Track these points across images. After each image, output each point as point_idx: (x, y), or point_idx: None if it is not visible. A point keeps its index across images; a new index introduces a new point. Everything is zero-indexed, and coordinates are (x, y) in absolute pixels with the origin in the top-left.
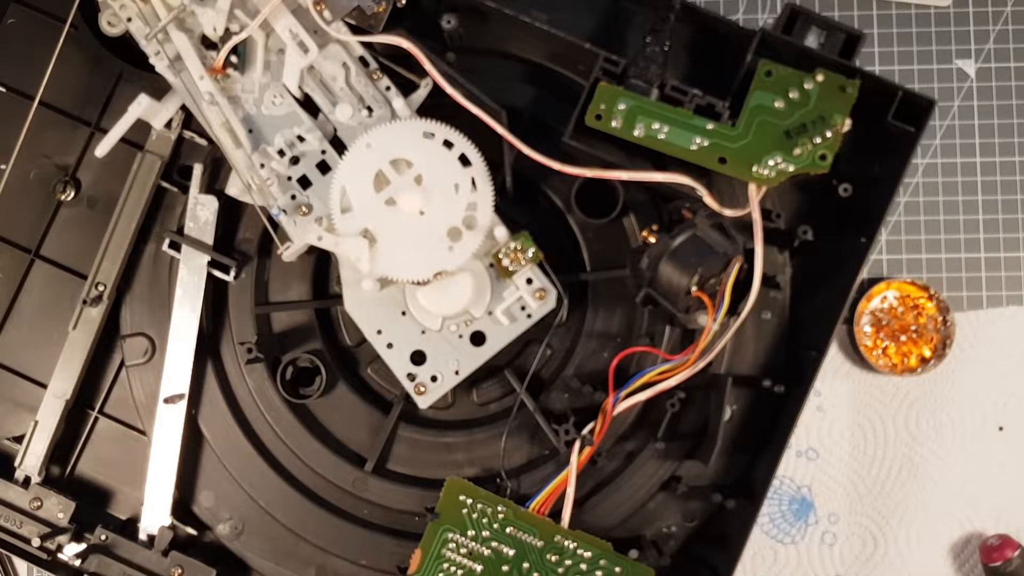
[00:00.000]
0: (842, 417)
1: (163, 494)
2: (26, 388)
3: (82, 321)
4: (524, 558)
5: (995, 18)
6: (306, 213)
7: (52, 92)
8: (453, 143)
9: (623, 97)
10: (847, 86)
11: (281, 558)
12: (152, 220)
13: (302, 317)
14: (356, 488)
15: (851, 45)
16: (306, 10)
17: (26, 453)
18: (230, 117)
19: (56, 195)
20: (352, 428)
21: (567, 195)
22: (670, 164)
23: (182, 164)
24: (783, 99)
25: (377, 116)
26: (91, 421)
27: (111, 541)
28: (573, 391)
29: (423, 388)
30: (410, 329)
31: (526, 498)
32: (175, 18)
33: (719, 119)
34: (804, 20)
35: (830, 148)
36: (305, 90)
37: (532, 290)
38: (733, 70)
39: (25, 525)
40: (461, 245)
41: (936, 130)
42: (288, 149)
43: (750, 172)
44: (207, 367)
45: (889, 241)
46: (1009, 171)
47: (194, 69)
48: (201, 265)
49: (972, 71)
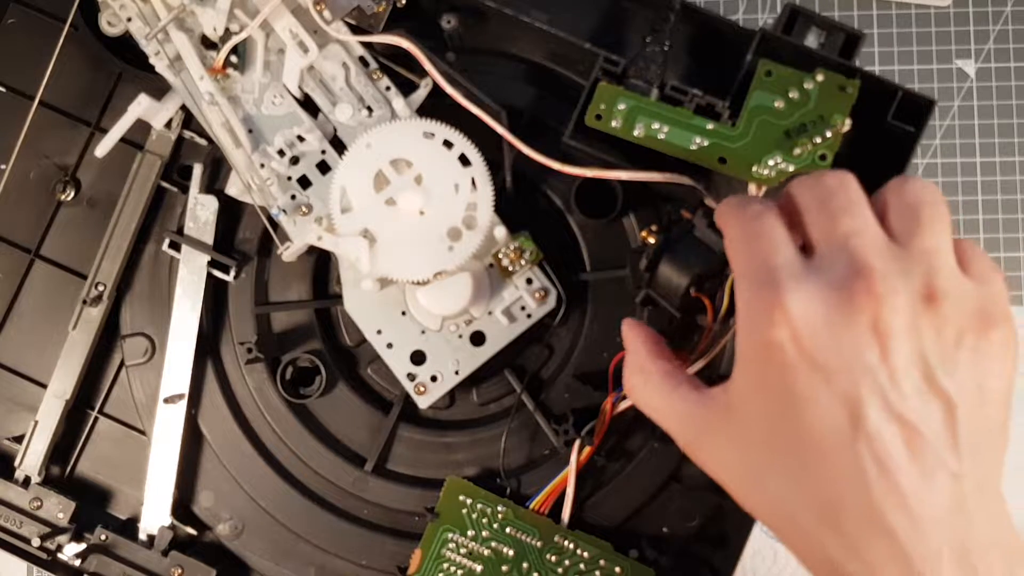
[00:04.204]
0: None
1: (163, 494)
2: (26, 388)
3: (82, 321)
4: (524, 558)
5: (995, 18)
6: (306, 213)
7: (52, 92)
8: (453, 143)
9: (623, 97)
10: (847, 86)
11: (281, 558)
12: (152, 220)
13: (302, 317)
14: (356, 488)
15: (851, 45)
16: (306, 10)
17: (26, 453)
18: (230, 117)
19: (56, 195)
20: (352, 428)
21: (567, 195)
22: (670, 164)
23: (182, 164)
24: (783, 99)
25: (377, 116)
26: (91, 421)
27: (111, 541)
28: (573, 391)
29: (423, 388)
30: (410, 329)
31: (526, 498)
32: (175, 18)
33: (719, 119)
34: (804, 20)
35: (830, 148)
36: (305, 90)
37: (532, 290)
38: (733, 70)
39: (25, 525)
40: (461, 245)
41: (936, 130)
42: (288, 149)
43: (750, 172)
44: (207, 367)
45: None
46: (1009, 171)
47: (194, 69)
48: (201, 265)
49: (972, 71)
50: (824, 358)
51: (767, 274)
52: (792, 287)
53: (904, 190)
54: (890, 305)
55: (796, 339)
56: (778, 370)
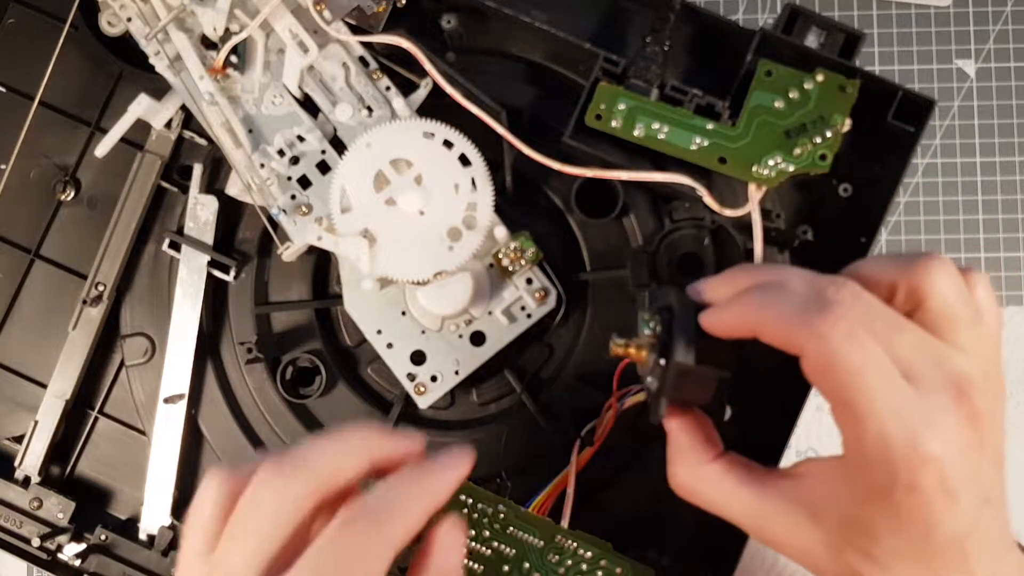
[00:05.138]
0: None
1: (163, 494)
2: (26, 388)
3: (82, 321)
4: (524, 558)
5: (995, 18)
6: (306, 213)
7: (52, 92)
8: (453, 143)
9: (623, 97)
10: (847, 86)
11: None
12: (152, 220)
13: (302, 317)
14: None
15: (851, 45)
16: (306, 10)
17: (26, 453)
18: (230, 117)
19: (56, 195)
20: None
21: (567, 195)
22: (670, 164)
23: (182, 164)
24: (783, 99)
25: (377, 116)
26: (91, 421)
27: (111, 541)
28: (573, 391)
29: (423, 388)
30: (410, 329)
31: (526, 498)
32: (175, 18)
33: (719, 119)
34: (804, 20)
35: (830, 148)
36: (305, 90)
37: (532, 290)
38: (733, 70)
39: (25, 525)
40: (461, 245)
41: (936, 130)
42: (288, 149)
43: (750, 172)
44: (207, 367)
45: (889, 241)
46: (1009, 171)
47: (194, 69)
48: (201, 265)
49: (972, 71)
50: (957, 485)
51: (906, 416)
52: (932, 431)
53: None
54: (990, 413)
55: (943, 480)
56: (911, 501)
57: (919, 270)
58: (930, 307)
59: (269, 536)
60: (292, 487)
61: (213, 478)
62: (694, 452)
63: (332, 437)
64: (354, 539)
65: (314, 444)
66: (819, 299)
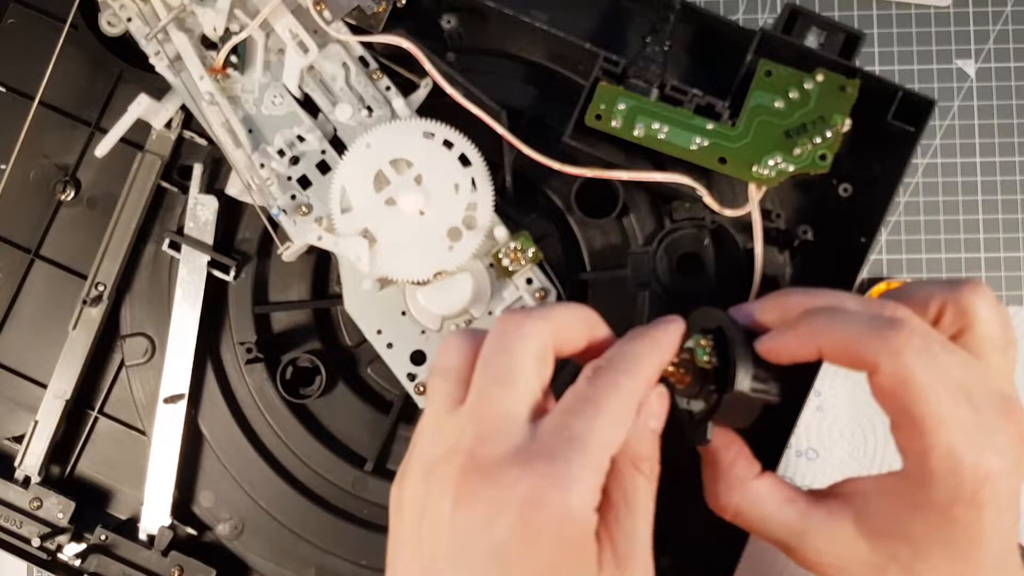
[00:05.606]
0: (842, 417)
1: (163, 494)
2: (26, 388)
3: (82, 321)
4: None
5: (995, 18)
6: (306, 213)
7: (52, 92)
8: (453, 143)
9: (623, 97)
10: (847, 86)
11: (281, 558)
12: (152, 220)
13: (302, 317)
14: (356, 488)
15: (851, 45)
16: (306, 10)
17: (26, 453)
18: (230, 117)
19: (56, 195)
20: (352, 428)
21: (567, 195)
22: (670, 164)
23: (182, 164)
24: (783, 99)
25: (377, 116)
26: (91, 421)
27: (111, 541)
28: None
29: (423, 388)
30: (410, 329)
31: None
32: (175, 18)
33: (719, 119)
34: (804, 20)
35: (830, 148)
36: (305, 90)
37: (532, 290)
38: (733, 70)
39: (25, 525)
40: (461, 245)
41: (936, 130)
42: (288, 149)
43: (750, 172)
44: (207, 367)
45: (889, 241)
46: (1009, 171)
47: (194, 69)
48: (201, 265)
49: (972, 71)
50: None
51: (971, 433)
52: (991, 449)
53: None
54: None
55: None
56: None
57: (967, 295)
58: (976, 331)
59: (525, 376)
60: (536, 327)
61: (455, 337)
62: (738, 470)
63: (557, 303)
64: (603, 389)
65: (541, 306)
66: (886, 318)
